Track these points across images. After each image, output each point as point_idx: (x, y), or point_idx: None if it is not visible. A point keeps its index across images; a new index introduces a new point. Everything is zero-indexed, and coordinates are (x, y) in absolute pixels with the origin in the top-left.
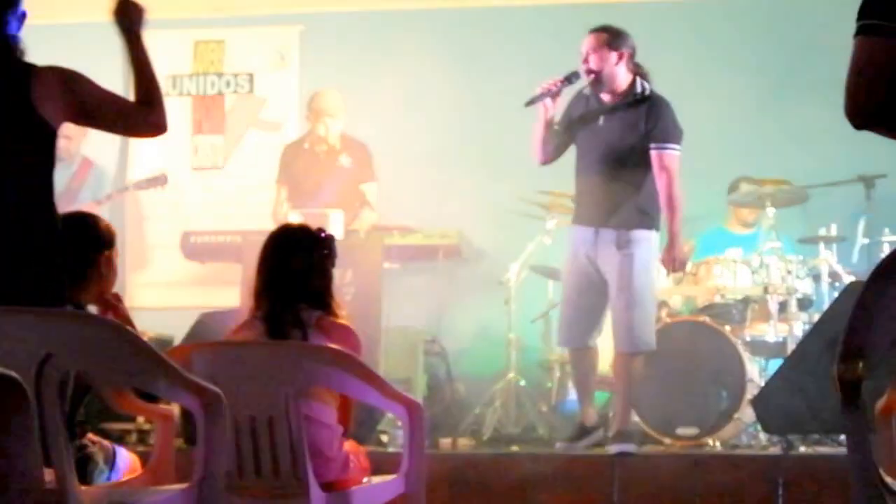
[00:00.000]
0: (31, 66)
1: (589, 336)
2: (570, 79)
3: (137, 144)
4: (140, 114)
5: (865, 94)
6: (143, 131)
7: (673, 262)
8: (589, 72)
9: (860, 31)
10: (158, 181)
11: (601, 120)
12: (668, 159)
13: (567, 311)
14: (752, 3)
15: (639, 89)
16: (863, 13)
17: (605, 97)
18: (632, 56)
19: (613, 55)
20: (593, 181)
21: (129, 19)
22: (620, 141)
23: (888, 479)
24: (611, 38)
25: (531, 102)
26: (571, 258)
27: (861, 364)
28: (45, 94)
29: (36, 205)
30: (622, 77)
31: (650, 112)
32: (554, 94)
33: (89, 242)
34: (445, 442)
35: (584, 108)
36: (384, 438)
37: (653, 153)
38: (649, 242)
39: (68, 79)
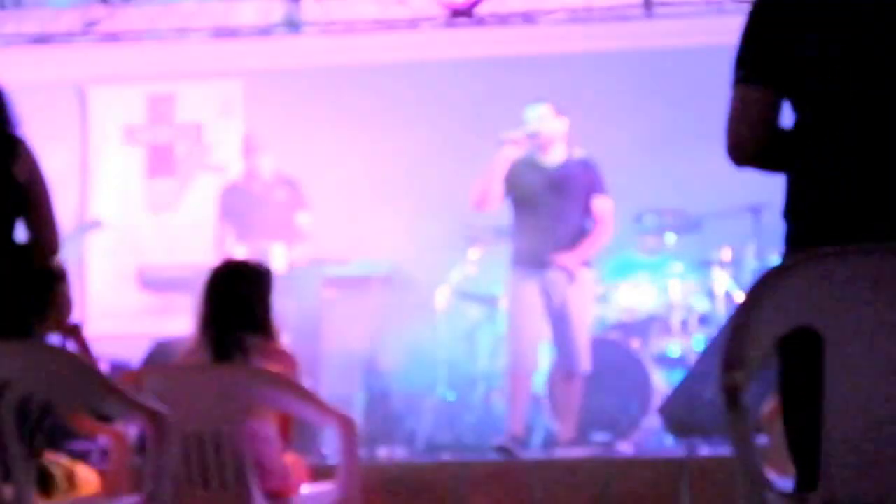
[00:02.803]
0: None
1: (538, 362)
2: (532, 137)
3: (97, 190)
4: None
5: (741, 136)
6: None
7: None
8: (540, 136)
9: (735, 82)
10: (93, 226)
11: (552, 176)
12: (608, 206)
13: (524, 344)
14: (650, 59)
15: (573, 152)
16: (736, 66)
17: (546, 157)
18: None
19: (561, 124)
20: (547, 226)
21: None
22: (571, 193)
23: (772, 476)
24: (556, 109)
25: (509, 141)
26: (526, 294)
27: (740, 373)
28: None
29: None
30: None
31: (589, 169)
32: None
33: (42, 280)
34: (383, 452)
35: (529, 165)
36: (325, 451)
37: (598, 201)
38: (589, 276)
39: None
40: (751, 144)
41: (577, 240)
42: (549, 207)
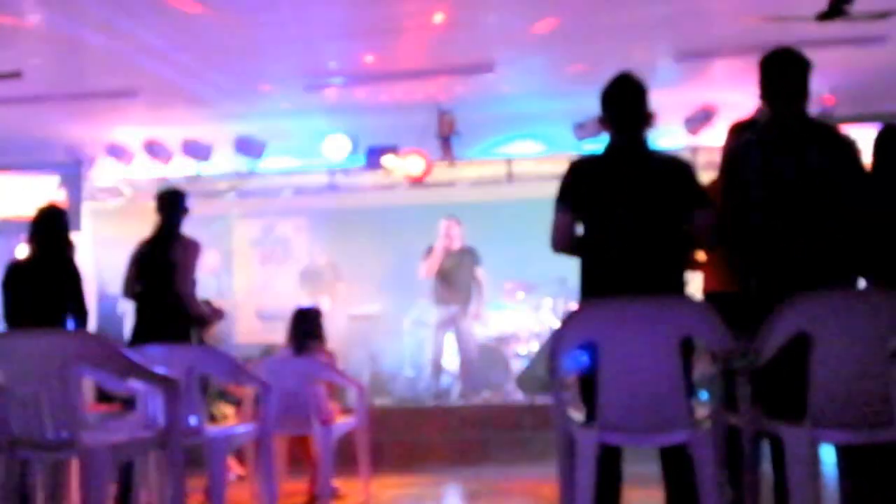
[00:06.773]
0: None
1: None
2: (446, 237)
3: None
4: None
5: (555, 238)
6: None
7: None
8: (450, 236)
9: (555, 209)
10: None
11: (455, 259)
12: (482, 274)
13: (438, 347)
14: (508, 204)
15: (465, 244)
16: (556, 201)
17: (452, 247)
18: None
19: (461, 229)
20: (452, 285)
21: None
22: (463, 268)
23: (573, 415)
24: (458, 221)
25: (439, 241)
26: (440, 321)
27: (557, 361)
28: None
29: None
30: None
31: (473, 253)
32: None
33: (198, 320)
34: (377, 401)
35: (445, 254)
36: (349, 401)
37: (477, 271)
38: (474, 315)
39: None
40: (560, 243)
41: (468, 292)
42: (453, 275)
